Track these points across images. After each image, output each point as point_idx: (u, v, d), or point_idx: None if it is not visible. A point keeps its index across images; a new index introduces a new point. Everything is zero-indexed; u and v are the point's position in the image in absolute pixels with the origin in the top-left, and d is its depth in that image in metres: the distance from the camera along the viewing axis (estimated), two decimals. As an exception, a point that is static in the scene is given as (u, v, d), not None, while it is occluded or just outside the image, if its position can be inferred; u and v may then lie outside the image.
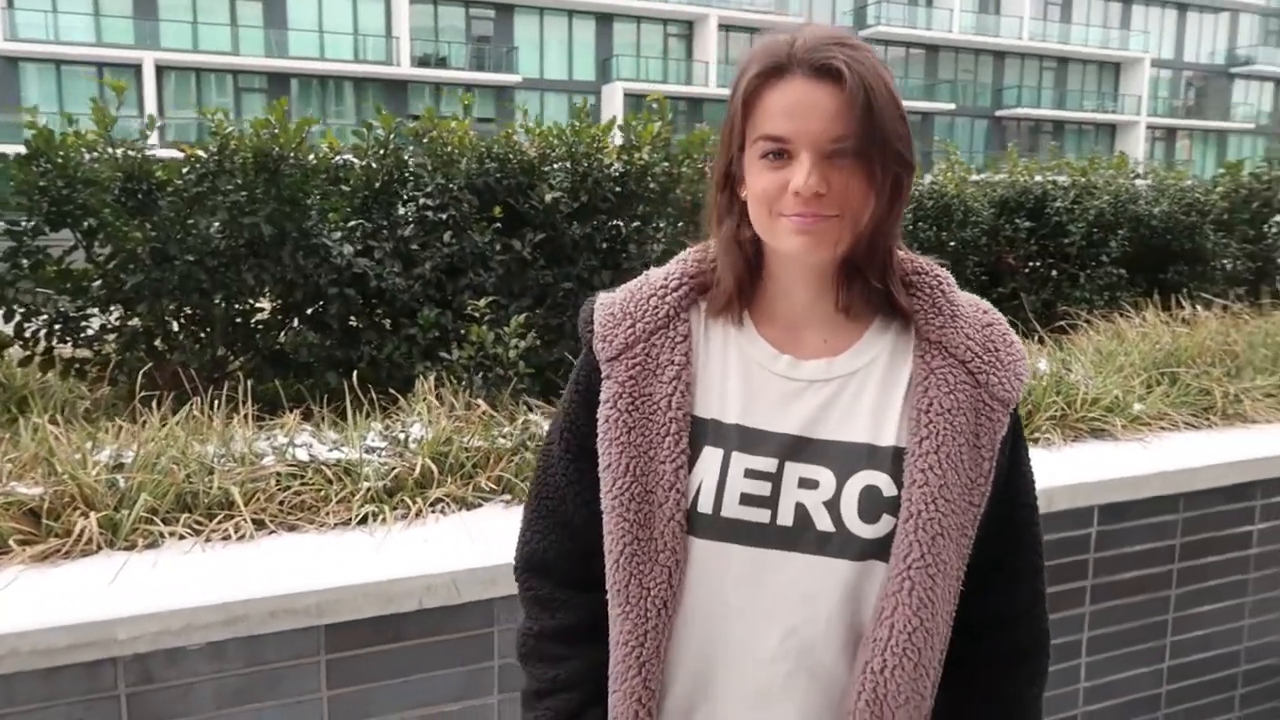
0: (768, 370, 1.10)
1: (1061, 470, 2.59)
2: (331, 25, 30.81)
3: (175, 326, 4.40)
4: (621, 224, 5.02)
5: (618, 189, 4.90)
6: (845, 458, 1.06)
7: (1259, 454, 2.81)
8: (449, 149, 4.78)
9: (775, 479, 1.06)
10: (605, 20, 34.01)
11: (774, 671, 1.08)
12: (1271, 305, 5.24)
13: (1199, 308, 4.19)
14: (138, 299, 4.10)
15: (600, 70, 34.00)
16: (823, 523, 1.05)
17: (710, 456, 1.08)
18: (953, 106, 38.17)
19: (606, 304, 1.17)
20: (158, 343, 4.31)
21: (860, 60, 1.00)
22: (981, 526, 1.10)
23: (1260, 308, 4.90)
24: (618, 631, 1.11)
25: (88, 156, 4.26)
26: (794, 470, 1.06)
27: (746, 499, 1.06)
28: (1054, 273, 7.43)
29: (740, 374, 1.11)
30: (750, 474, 1.06)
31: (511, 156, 4.90)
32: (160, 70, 28.31)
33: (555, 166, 5.02)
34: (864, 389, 1.09)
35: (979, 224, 7.08)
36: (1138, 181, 7.85)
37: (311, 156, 4.40)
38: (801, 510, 1.05)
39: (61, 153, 4.17)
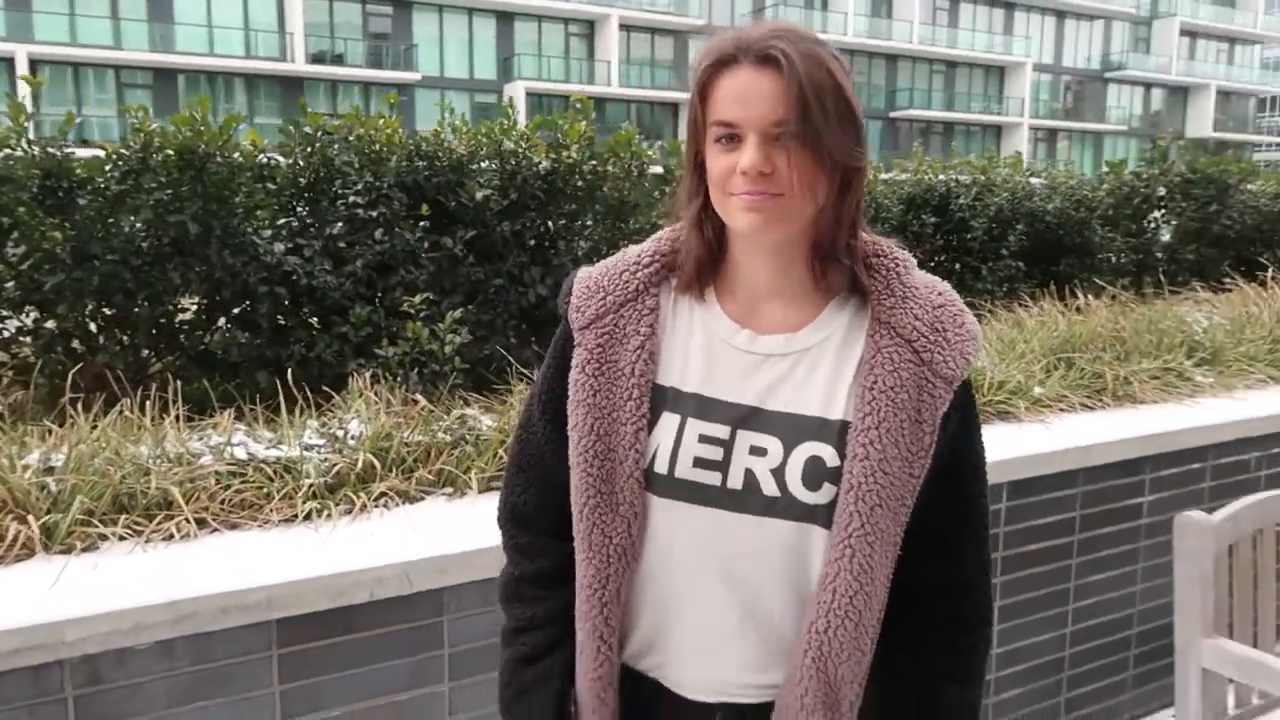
0: (728, 344, 1.18)
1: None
2: (221, 20, 29.75)
3: (94, 328, 4.24)
4: (549, 222, 5.08)
5: (545, 187, 4.95)
6: (794, 429, 1.14)
7: (1148, 431, 3.03)
8: (377, 147, 4.75)
9: (728, 445, 1.14)
10: (506, 19, 33.78)
11: (724, 620, 1.17)
12: (1154, 294, 5.61)
13: (1090, 297, 4.46)
14: (57, 300, 3.95)
15: (502, 69, 33.76)
16: (769, 488, 1.13)
17: (668, 421, 1.16)
18: (847, 87, 39.10)
19: (584, 278, 1.26)
20: (75, 344, 4.15)
21: (801, 49, 1.08)
22: (929, 498, 1.16)
23: (1144, 296, 5.25)
24: (582, 575, 1.20)
25: (2, 154, 4.08)
26: (745, 438, 1.14)
27: (699, 462, 1.14)
28: (958, 266, 7.78)
29: (702, 346, 1.18)
30: (704, 439, 1.14)
31: (440, 155, 4.89)
32: (34, 65, 26.86)
33: (483, 165, 5.03)
34: (818, 364, 1.16)
35: (889, 220, 7.38)
36: (1033, 180, 8.28)
37: (237, 154, 4.30)
38: (750, 476, 1.13)
39: None
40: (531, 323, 5.19)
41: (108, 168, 4.11)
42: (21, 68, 26.24)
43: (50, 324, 4.15)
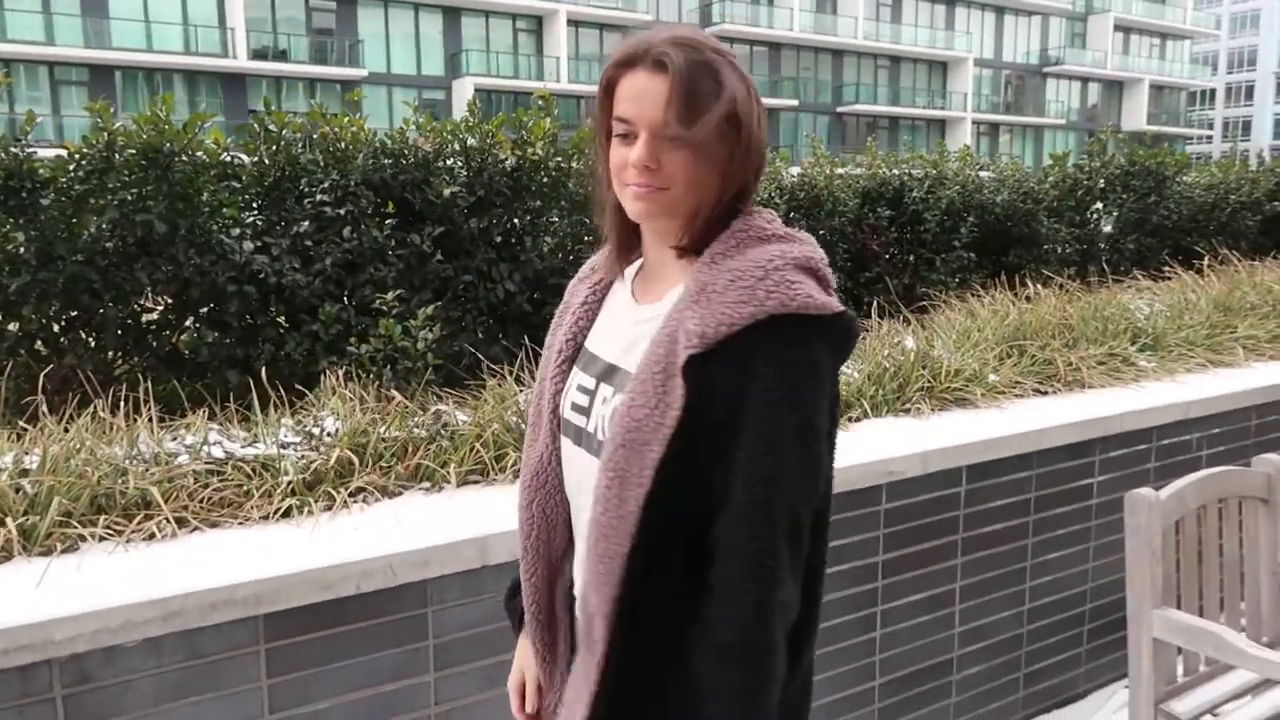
0: (624, 311, 1.35)
1: (933, 436, 2.84)
2: (158, 14, 29.05)
3: (56, 329, 4.16)
4: (516, 218, 5.11)
5: (511, 184, 4.98)
6: (625, 380, 1.26)
7: (1097, 414, 3.15)
8: (342, 145, 4.74)
9: (592, 395, 1.31)
10: (453, 14, 33.49)
11: (583, 538, 1.31)
12: (1098, 282, 5.79)
13: (1038, 286, 4.61)
14: (21, 302, 3.87)
15: (449, 65, 33.48)
16: (600, 432, 1.27)
17: (573, 374, 1.37)
18: (796, 103, 39.59)
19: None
20: (39, 346, 4.07)
21: (692, 57, 1.17)
22: (705, 455, 1.15)
23: (1089, 285, 5.41)
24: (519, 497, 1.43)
25: None
26: (603, 390, 1.29)
27: (575, 407, 1.34)
28: (912, 257, 7.94)
29: (610, 313, 1.38)
30: (580, 389, 1.34)
31: (406, 152, 4.89)
32: (-37, 61, 26.05)
33: (449, 162, 5.04)
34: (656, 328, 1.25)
35: (845, 213, 7.49)
36: (981, 173, 8.47)
37: (201, 152, 4.25)
38: (599, 422, 1.28)
39: None
40: (500, 319, 5.22)
41: (71, 167, 4.04)
42: (-52, 65, 25.43)
43: (13, 326, 4.08)
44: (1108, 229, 8.92)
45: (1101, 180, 8.92)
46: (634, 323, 1.29)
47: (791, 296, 1.13)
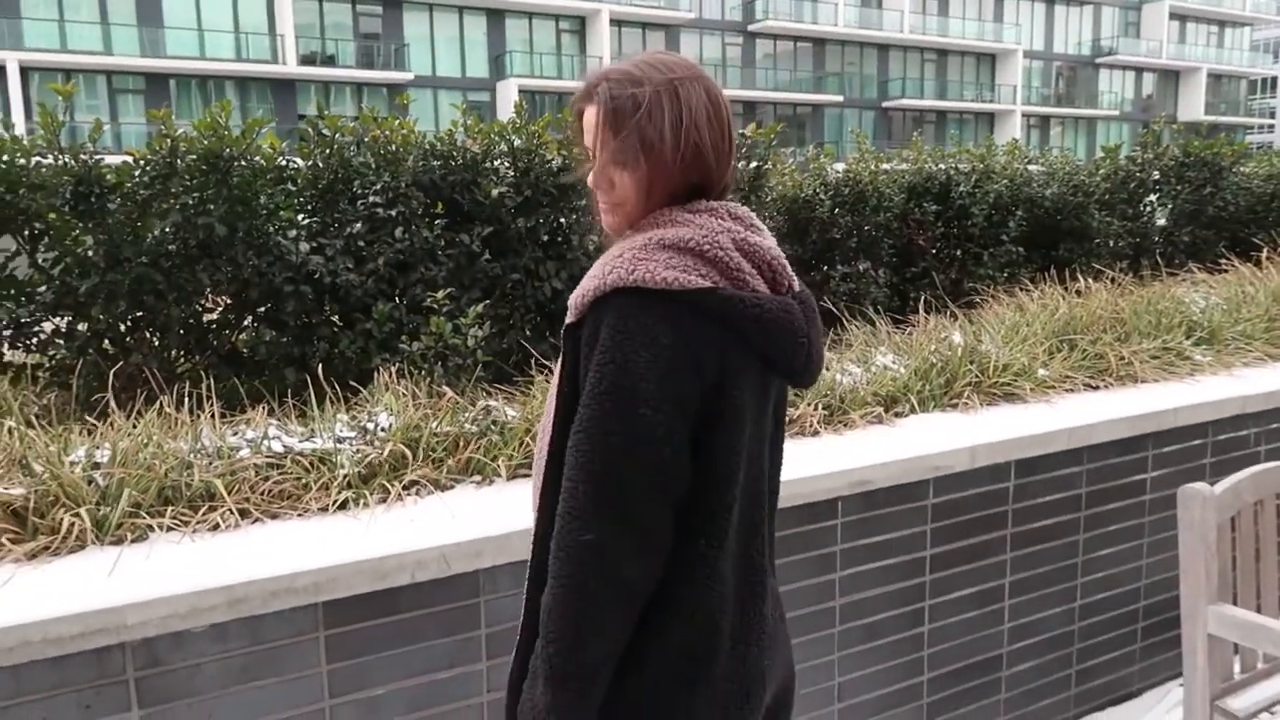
0: None
1: (981, 431, 2.83)
2: (211, 23, 29.71)
3: (122, 329, 4.32)
4: (563, 218, 5.18)
5: (558, 183, 5.06)
6: None
7: (1149, 409, 3.11)
8: (393, 147, 4.85)
9: None
10: (497, 16, 33.77)
11: None
12: (1151, 276, 5.69)
13: (1089, 280, 4.54)
14: (91, 303, 4.02)
15: (494, 67, 33.76)
16: None
17: None
18: (840, 98, 39.27)
19: None
20: (107, 345, 4.23)
21: (615, 87, 1.31)
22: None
23: (1142, 278, 5.33)
24: None
25: (34, 161, 4.16)
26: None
27: None
28: (959, 252, 7.84)
29: None
30: None
31: (455, 154, 4.98)
32: (25, 72, 26.83)
33: (497, 163, 5.13)
34: None
35: (891, 209, 7.43)
36: (1030, 167, 8.35)
37: (258, 157, 4.38)
38: None
39: (5, 158, 4.07)
40: (547, 316, 5.30)
41: (136, 173, 4.18)
42: (13, 75, 26.21)
43: (83, 326, 4.23)
44: (1161, 221, 8.73)
45: (1155, 172, 8.73)
46: None
47: (630, 270, 1.25)
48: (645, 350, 1.22)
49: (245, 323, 4.72)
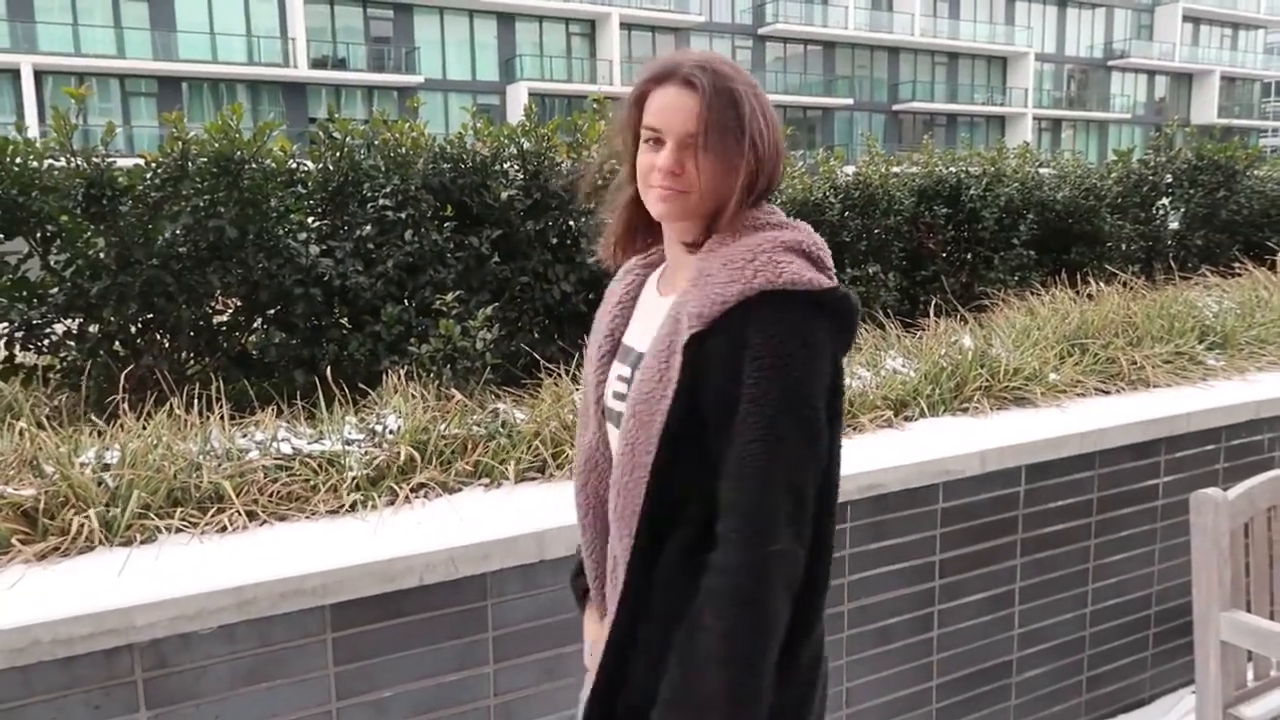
0: (651, 305, 1.47)
1: (992, 435, 2.81)
2: (223, 27, 29.86)
3: (133, 331, 4.34)
4: (571, 220, 5.19)
5: (567, 186, 5.07)
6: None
7: (1162, 414, 3.09)
8: (403, 150, 4.86)
9: (629, 381, 1.40)
10: (507, 20, 33.84)
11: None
12: (1164, 280, 5.66)
13: (1101, 284, 4.52)
14: (102, 305, 4.05)
15: (504, 70, 33.83)
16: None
17: (612, 366, 1.49)
18: (850, 101, 39.22)
19: None
20: (117, 347, 4.25)
21: (716, 82, 1.31)
22: (703, 420, 1.28)
23: (1154, 282, 5.30)
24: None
25: (46, 164, 4.18)
26: (636, 374, 1.38)
27: (616, 395, 1.45)
28: (970, 255, 7.82)
29: (642, 309, 1.50)
30: (619, 378, 1.45)
31: (465, 157, 5.00)
32: (39, 75, 27.02)
33: (507, 166, 5.14)
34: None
35: (901, 212, 7.41)
36: (1041, 170, 8.32)
37: (269, 160, 4.40)
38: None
39: (19, 160, 4.09)
40: (556, 319, 5.30)
41: (148, 175, 4.21)
42: (27, 78, 26.39)
43: (93, 328, 4.26)
44: (1174, 225, 8.69)
45: (1168, 175, 8.69)
46: (658, 313, 1.41)
47: (778, 273, 1.26)
48: (802, 349, 1.24)
49: (255, 325, 4.74)
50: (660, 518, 1.31)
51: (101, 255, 4.08)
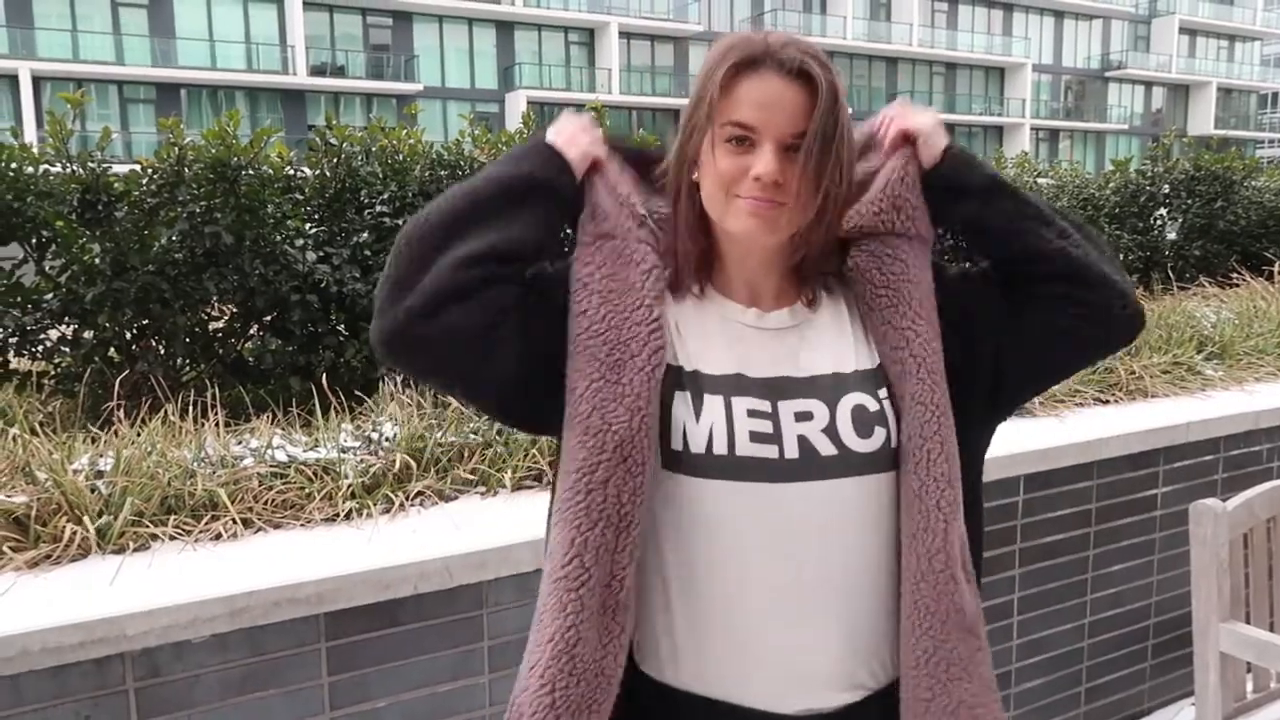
0: (741, 323, 1.21)
1: (989, 445, 2.80)
2: (222, 34, 29.90)
3: (128, 337, 4.33)
4: (570, 228, 5.16)
5: (565, 194, 5.06)
6: (830, 387, 1.18)
7: (1160, 424, 3.08)
8: (400, 157, 4.87)
9: (774, 417, 1.14)
10: (506, 28, 33.91)
11: (802, 604, 1.15)
12: (1162, 290, 5.66)
13: (1099, 294, 4.50)
14: (97, 311, 4.04)
15: (502, 78, 33.90)
16: (825, 448, 1.14)
17: (711, 403, 1.15)
18: (849, 111, 39.24)
19: None
20: (112, 353, 4.24)
21: (827, 75, 1.11)
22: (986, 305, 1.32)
23: (1152, 292, 5.30)
24: (563, 492, 1.16)
25: (42, 169, 4.18)
26: (787, 406, 1.15)
27: (755, 437, 1.13)
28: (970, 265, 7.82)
29: (720, 330, 1.20)
30: (753, 414, 1.14)
31: (462, 164, 4.99)
32: (37, 81, 27.03)
33: None
34: (822, 329, 1.23)
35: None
36: (1040, 180, 8.34)
37: (266, 166, 4.40)
38: (805, 441, 1.14)
39: (14, 165, 4.09)
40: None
41: (144, 181, 4.20)
42: (25, 84, 26.40)
43: (88, 334, 4.25)
44: (1172, 235, 8.72)
45: (1165, 185, 8.72)
46: (776, 330, 1.21)
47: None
48: None
49: (251, 331, 4.73)
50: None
51: (97, 261, 4.07)
